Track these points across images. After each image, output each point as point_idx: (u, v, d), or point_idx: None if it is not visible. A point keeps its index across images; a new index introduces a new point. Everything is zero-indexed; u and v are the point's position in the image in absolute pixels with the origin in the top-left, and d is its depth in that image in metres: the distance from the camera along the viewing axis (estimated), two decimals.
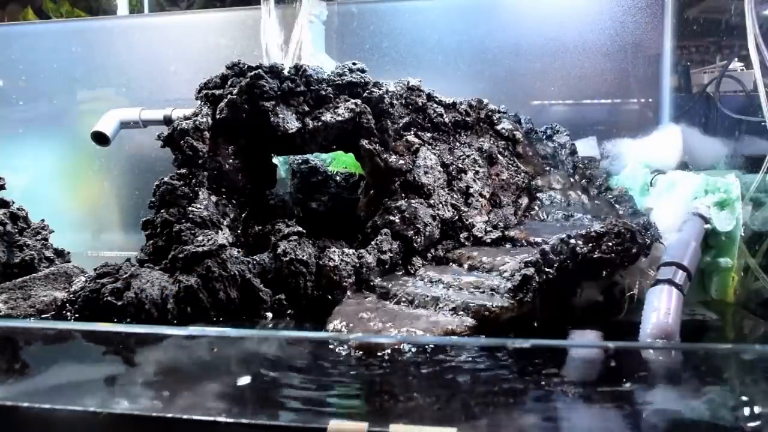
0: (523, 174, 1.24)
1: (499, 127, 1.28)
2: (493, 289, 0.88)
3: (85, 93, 1.93)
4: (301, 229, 1.05)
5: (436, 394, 0.59)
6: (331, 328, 0.84)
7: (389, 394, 0.60)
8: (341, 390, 0.62)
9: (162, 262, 0.98)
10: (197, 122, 1.09)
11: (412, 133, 1.18)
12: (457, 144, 1.22)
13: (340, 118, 1.10)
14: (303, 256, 0.99)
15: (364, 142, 1.12)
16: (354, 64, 1.17)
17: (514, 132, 1.28)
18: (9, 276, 1.07)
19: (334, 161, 1.45)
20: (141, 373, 0.70)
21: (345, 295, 0.96)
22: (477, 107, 1.28)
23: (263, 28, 1.58)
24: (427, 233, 1.07)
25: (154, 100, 1.80)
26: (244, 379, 0.66)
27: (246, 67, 1.13)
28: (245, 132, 1.12)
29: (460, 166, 1.18)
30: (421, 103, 1.20)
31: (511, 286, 0.84)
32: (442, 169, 1.16)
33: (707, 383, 0.65)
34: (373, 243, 1.04)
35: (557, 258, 0.84)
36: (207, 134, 1.09)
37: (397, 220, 1.06)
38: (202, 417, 0.54)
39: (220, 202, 1.09)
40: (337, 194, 1.34)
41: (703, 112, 1.61)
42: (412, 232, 1.06)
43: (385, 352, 0.70)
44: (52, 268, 1.05)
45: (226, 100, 1.09)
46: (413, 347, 0.71)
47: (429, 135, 1.19)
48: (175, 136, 1.09)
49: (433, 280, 0.98)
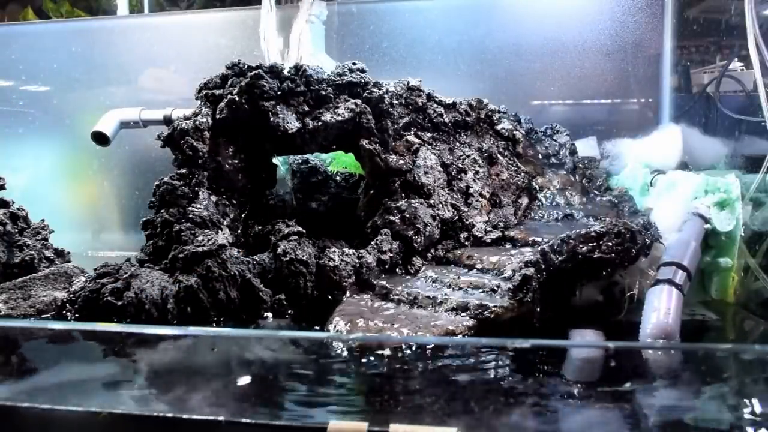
0: (523, 174, 1.24)
1: (499, 127, 1.28)
2: (493, 289, 0.88)
3: (85, 93, 1.93)
4: (301, 229, 1.05)
5: (435, 394, 0.59)
6: (332, 329, 0.84)
7: (389, 394, 0.60)
8: (341, 390, 0.62)
9: (162, 262, 0.98)
10: (197, 122, 1.08)
11: (412, 133, 1.18)
12: (457, 144, 1.22)
13: (340, 118, 1.10)
14: (303, 256, 0.99)
15: (364, 142, 1.12)
16: (354, 64, 1.17)
17: (514, 132, 1.28)
18: (9, 276, 1.07)
19: (334, 161, 1.44)
20: (141, 373, 0.70)
21: (345, 295, 0.96)
22: (477, 107, 1.28)
23: (263, 28, 1.58)
24: (427, 233, 1.07)
25: (154, 100, 1.80)
26: (244, 379, 0.66)
27: (246, 67, 1.13)
28: (245, 132, 1.12)
29: (460, 166, 1.18)
30: (421, 103, 1.20)
31: (511, 286, 0.84)
32: (442, 169, 1.16)
33: (707, 383, 0.65)
34: (373, 243, 1.04)
35: (557, 258, 0.84)
36: (207, 134, 1.09)
37: (397, 220, 1.06)
38: (202, 417, 0.54)
39: (220, 202, 1.09)
40: (337, 194, 1.34)
41: (703, 112, 1.61)
42: (412, 232, 1.06)
43: (385, 352, 0.70)
44: (52, 268, 1.05)
45: (226, 100, 1.09)
46: (413, 347, 0.71)
47: (429, 135, 1.19)
48: (175, 136, 1.09)
49: (433, 280, 0.98)
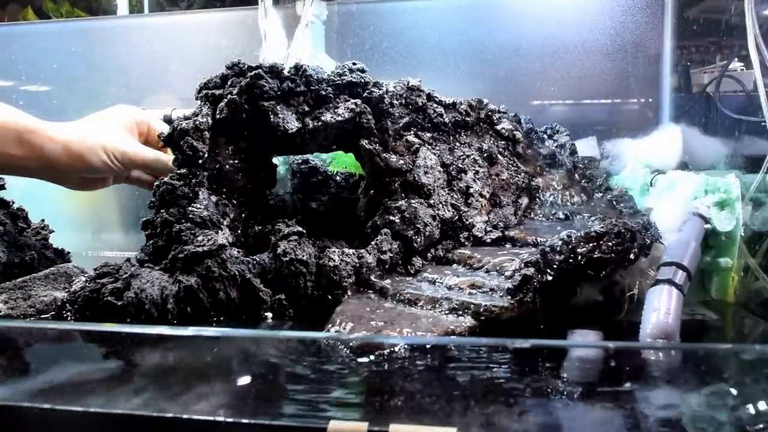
0: (523, 174, 1.24)
1: (499, 127, 1.28)
2: (493, 289, 0.88)
3: (85, 93, 1.93)
4: (301, 229, 1.05)
5: (435, 394, 0.59)
6: (332, 329, 0.84)
7: (389, 394, 0.60)
8: (341, 390, 0.62)
9: (162, 262, 0.98)
10: (197, 122, 1.08)
11: (412, 133, 1.18)
12: (457, 144, 1.22)
13: (340, 118, 1.10)
14: (303, 256, 0.99)
15: (364, 142, 1.12)
16: (354, 64, 1.17)
17: (514, 132, 1.28)
18: (9, 276, 1.07)
19: (334, 161, 1.44)
20: (141, 373, 0.70)
21: (345, 295, 0.96)
22: (477, 107, 1.28)
23: (262, 28, 1.58)
24: (427, 233, 1.07)
25: (154, 100, 1.80)
26: (244, 379, 0.66)
27: (246, 67, 1.13)
28: (245, 132, 1.12)
29: (460, 166, 1.18)
30: (421, 103, 1.20)
31: (511, 286, 0.84)
32: (442, 169, 1.16)
33: (707, 383, 0.66)
34: (373, 243, 1.04)
35: (557, 258, 0.84)
36: (207, 134, 1.09)
37: (397, 220, 1.06)
38: (202, 417, 0.54)
39: (220, 202, 1.09)
40: (337, 194, 1.34)
41: (703, 112, 1.61)
42: (412, 232, 1.06)
43: (385, 352, 0.70)
44: (52, 268, 1.05)
45: (226, 100, 1.09)
46: (413, 347, 0.71)
47: (429, 135, 1.19)
48: (175, 136, 1.09)
49: (433, 281, 0.98)
